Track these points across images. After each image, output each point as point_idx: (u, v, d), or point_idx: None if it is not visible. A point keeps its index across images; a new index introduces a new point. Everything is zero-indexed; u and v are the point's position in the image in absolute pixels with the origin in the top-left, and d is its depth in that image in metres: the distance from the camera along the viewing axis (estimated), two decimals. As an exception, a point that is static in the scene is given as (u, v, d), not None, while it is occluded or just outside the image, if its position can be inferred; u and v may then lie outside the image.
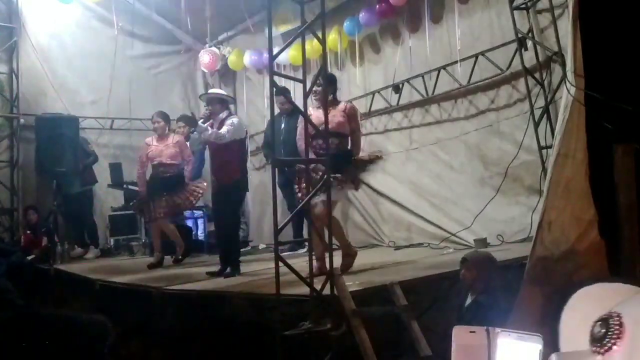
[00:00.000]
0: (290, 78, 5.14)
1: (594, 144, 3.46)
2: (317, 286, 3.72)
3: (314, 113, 4.63)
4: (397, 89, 6.95)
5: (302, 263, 4.20)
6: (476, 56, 6.08)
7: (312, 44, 5.38)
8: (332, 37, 7.35)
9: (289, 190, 6.61)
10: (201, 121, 5.47)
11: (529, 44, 5.54)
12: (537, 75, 5.51)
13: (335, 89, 5.05)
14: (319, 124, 4.19)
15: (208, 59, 9.14)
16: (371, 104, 7.34)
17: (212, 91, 6.74)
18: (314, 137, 4.52)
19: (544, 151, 5.32)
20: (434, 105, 6.74)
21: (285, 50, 4.51)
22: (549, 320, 0.85)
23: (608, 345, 0.70)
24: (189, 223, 8.55)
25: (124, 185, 8.28)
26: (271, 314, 3.92)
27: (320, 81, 4.43)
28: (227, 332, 4.38)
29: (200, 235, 8.56)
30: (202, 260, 7.05)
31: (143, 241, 8.25)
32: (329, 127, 4.22)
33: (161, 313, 4.96)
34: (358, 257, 4.98)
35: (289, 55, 7.29)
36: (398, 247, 6.69)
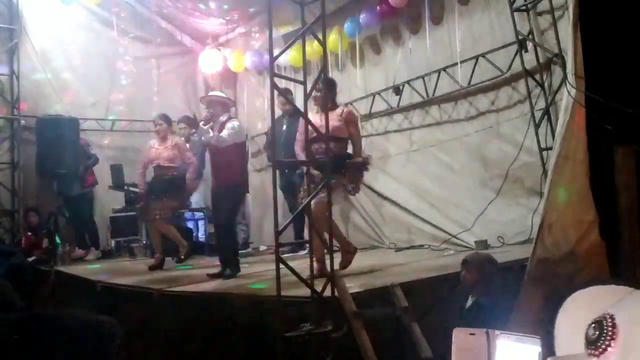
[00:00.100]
0: (290, 79, 5.13)
1: (595, 146, 3.46)
2: (318, 288, 3.72)
3: (312, 118, 4.62)
4: (398, 91, 6.95)
5: (303, 265, 4.21)
6: (476, 58, 6.08)
7: (313, 46, 5.37)
8: (333, 39, 7.35)
9: (290, 192, 6.62)
10: (202, 123, 5.47)
11: (530, 46, 5.55)
12: (538, 76, 5.51)
13: (335, 94, 5.04)
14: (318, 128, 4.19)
15: (208, 60, 9.15)
16: (372, 106, 7.34)
17: (213, 94, 6.72)
18: (312, 141, 4.52)
19: (545, 153, 5.31)
20: (435, 106, 6.73)
21: (285, 51, 4.51)
22: (547, 322, 0.85)
23: (603, 347, 0.70)
24: (190, 225, 8.55)
25: (125, 186, 8.28)
26: (272, 316, 3.91)
27: (319, 86, 4.43)
28: (228, 334, 4.37)
29: (200, 236, 8.56)
30: (203, 261, 7.04)
31: (144, 243, 8.25)
32: None
33: (162, 314, 4.96)
34: (359, 259, 4.98)
35: (290, 56, 7.29)
36: (399, 249, 6.69)
